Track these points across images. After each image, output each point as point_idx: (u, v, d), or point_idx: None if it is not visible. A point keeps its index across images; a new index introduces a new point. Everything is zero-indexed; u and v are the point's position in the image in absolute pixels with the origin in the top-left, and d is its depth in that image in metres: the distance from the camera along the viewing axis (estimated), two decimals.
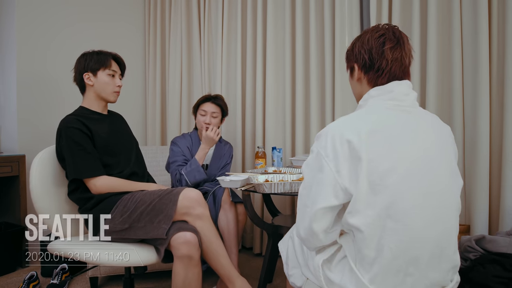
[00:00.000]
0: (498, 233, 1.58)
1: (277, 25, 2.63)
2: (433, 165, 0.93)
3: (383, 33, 1.01)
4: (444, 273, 0.95)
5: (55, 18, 2.76)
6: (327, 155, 0.90)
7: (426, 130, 0.98)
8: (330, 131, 0.93)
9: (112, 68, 1.69)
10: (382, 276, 0.89)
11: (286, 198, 2.55)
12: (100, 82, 1.66)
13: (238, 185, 1.71)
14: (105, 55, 1.69)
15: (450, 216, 0.96)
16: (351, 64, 1.09)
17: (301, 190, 0.98)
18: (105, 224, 1.51)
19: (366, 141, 0.88)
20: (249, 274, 2.27)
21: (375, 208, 0.87)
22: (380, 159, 0.88)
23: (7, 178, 2.41)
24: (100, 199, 1.56)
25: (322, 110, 2.46)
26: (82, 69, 1.66)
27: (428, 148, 0.94)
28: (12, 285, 2.09)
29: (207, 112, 2.24)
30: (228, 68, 2.86)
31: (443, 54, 1.98)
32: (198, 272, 1.46)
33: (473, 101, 1.87)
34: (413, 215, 0.88)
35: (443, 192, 0.94)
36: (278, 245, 1.31)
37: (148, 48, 3.36)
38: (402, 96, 0.98)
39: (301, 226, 0.96)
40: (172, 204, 1.47)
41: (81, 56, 1.70)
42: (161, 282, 2.13)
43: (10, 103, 2.57)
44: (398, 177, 0.88)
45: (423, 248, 0.90)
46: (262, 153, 2.27)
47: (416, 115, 0.99)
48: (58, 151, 1.60)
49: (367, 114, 0.97)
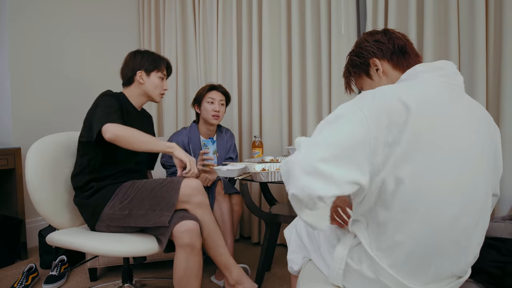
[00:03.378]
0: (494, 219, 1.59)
1: (272, 14, 2.60)
2: (473, 154, 0.86)
3: (384, 31, 1.07)
4: (467, 265, 0.91)
5: (47, 9, 2.72)
6: (370, 115, 0.80)
7: (474, 115, 0.90)
8: (379, 90, 0.84)
9: (164, 72, 1.79)
10: (404, 261, 0.84)
11: (283, 186, 2.53)
12: (151, 83, 1.74)
13: (235, 174, 1.71)
14: (161, 59, 1.79)
15: (480, 210, 0.88)
16: (366, 64, 1.07)
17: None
18: (105, 211, 1.51)
19: (419, 110, 0.80)
20: (248, 262, 2.29)
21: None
22: (427, 133, 0.80)
23: (3, 171, 2.40)
24: (99, 188, 1.56)
25: (318, 99, 2.45)
26: (137, 67, 1.72)
27: (473, 135, 0.87)
28: (11, 277, 2.09)
29: (215, 99, 2.19)
30: (223, 58, 2.84)
31: (439, 55, 1.98)
32: (199, 260, 1.48)
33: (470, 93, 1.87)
34: (445, 203, 0.82)
35: (477, 185, 0.87)
36: (284, 232, 1.31)
37: (143, 40, 3.32)
38: (453, 74, 0.94)
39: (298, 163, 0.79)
40: (174, 192, 1.48)
41: (137, 54, 1.76)
42: (159, 272, 2.14)
43: (4, 96, 2.55)
44: (440, 158, 0.81)
45: (450, 239, 0.84)
46: (259, 142, 2.27)
47: (466, 97, 0.92)
48: (88, 116, 1.60)
49: (416, 86, 0.88)
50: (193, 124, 2.29)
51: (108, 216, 1.51)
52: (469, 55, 1.88)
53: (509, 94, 1.76)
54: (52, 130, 2.57)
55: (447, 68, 0.94)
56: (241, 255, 2.47)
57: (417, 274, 0.86)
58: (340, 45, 2.32)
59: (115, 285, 1.97)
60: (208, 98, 2.20)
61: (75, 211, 1.65)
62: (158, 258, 2.05)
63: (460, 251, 0.87)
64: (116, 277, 2.08)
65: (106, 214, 1.51)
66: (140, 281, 2.04)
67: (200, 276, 1.50)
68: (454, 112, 0.86)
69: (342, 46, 2.31)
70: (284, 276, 2.10)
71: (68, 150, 1.71)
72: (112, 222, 1.52)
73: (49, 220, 1.56)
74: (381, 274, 0.87)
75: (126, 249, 1.41)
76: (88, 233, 1.56)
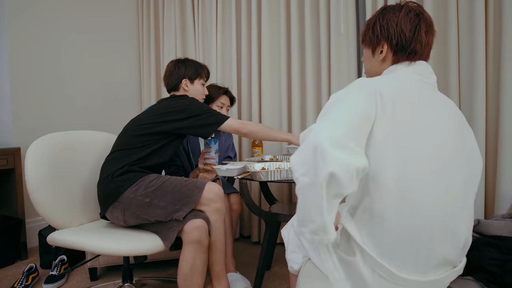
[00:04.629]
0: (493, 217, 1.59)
1: (271, 13, 2.60)
2: (447, 143, 0.90)
3: (417, 13, 1.00)
4: (459, 250, 0.91)
5: (46, 11, 2.72)
6: (366, 94, 0.87)
7: (446, 108, 0.96)
8: (358, 81, 0.90)
9: (204, 79, 1.96)
10: (392, 250, 0.86)
11: (283, 186, 2.56)
12: (195, 90, 1.92)
13: (234, 174, 1.71)
14: (202, 67, 1.95)
15: (463, 194, 0.91)
16: (377, 42, 1.05)
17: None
18: (126, 194, 1.52)
19: (394, 98, 0.87)
20: (247, 262, 2.29)
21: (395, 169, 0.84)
22: (403, 120, 0.86)
23: (3, 171, 2.41)
24: (128, 170, 1.58)
25: (318, 97, 2.45)
26: (183, 75, 1.89)
27: (446, 126, 0.92)
28: (11, 277, 2.10)
29: (224, 105, 2.24)
30: (223, 57, 2.83)
31: (439, 55, 1.98)
32: (205, 259, 1.49)
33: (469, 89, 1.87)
34: (425, 189, 0.85)
35: (455, 171, 0.90)
36: (281, 232, 1.31)
37: (142, 38, 3.32)
38: (427, 74, 1.00)
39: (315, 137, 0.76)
40: (198, 191, 1.50)
41: (181, 63, 1.92)
42: (159, 272, 2.14)
43: (3, 96, 2.54)
44: (416, 145, 0.86)
45: (434, 222, 0.86)
46: (258, 141, 2.27)
47: (438, 93, 0.99)
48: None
49: (395, 78, 0.96)
50: None
51: (128, 200, 1.51)
52: (469, 55, 1.87)
53: (509, 94, 1.76)
54: (51, 130, 2.57)
55: (423, 68, 1.00)
56: (241, 254, 2.47)
57: (408, 263, 0.87)
58: (339, 43, 2.32)
59: (115, 284, 1.98)
60: (219, 102, 2.23)
61: (75, 211, 1.65)
62: (158, 258, 2.05)
63: (447, 235, 0.88)
64: (116, 276, 2.08)
65: (126, 197, 1.52)
66: (140, 280, 2.04)
67: (204, 274, 1.50)
68: (427, 104, 0.92)
69: (341, 45, 2.31)
70: (284, 275, 2.10)
71: (67, 150, 1.71)
72: (130, 207, 1.51)
73: (48, 220, 1.56)
74: (376, 267, 0.88)
75: (129, 248, 1.41)
76: (91, 232, 1.55)
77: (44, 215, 1.54)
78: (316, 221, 0.76)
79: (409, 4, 1.03)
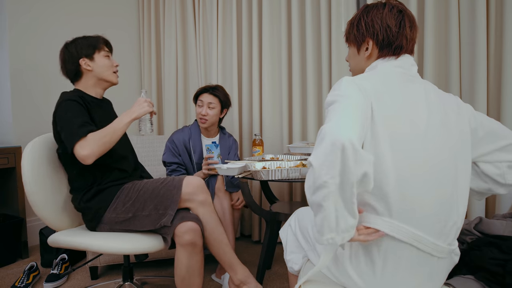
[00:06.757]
0: (494, 216, 1.59)
1: (272, 13, 2.60)
2: (433, 134, 0.91)
3: (400, 9, 1.02)
4: (460, 215, 0.94)
5: (47, 8, 2.72)
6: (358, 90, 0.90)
7: (429, 98, 0.96)
8: (342, 80, 0.93)
9: (105, 49, 1.67)
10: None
11: (284, 185, 2.56)
12: (99, 65, 1.63)
13: (235, 173, 1.71)
14: (94, 38, 1.66)
15: (449, 187, 0.92)
16: (362, 39, 1.05)
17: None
18: (107, 215, 1.49)
19: (379, 93, 0.90)
20: (248, 261, 2.29)
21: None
22: (386, 113, 0.89)
23: (4, 170, 2.41)
24: (99, 190, 1.53)
25: (319, 96, 2.45)
26: (77, 56, 1.61)
27: (430, 117, 0.92)
28: (12, 276, 2.10)
29: (203, 102, 2.16)
30: (224, 57, 2.83)
31: (440, 54, 1.97)
32: (201, 259, 1.47)
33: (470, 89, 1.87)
34: (415, 176, 0.88)
35: (441, 165, 0.91)
36: (279, 233, 1.31)
37: (143, 39, 3.31)
38: (409, 66, 1.02)
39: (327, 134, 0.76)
40: (176, 190, 1.47)
41: (69, 45, 1.65)
42: (160, 271, 2.15)
43: (4, 95, 2.55)
44: (401, 137, 0.89)
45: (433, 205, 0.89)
46: (259, 140, 2.26)
47: (421, 84, 1.00)
48: (55, 129, 1.54)
49: (378, 73, 0.99)
50: (195, 122, 2.30)
51: (111, 219, 1.50)
52: (470, 55, 1.87)
53: (510, 94, 1.75)
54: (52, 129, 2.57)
55: (404, 60, 1.02)
56: (242, 253, 2.47)
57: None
58: (340, 42, 2.32)
59: (116, 283, 1.98)
60: (199, 101, 2.19)
61: (73, 212, 1.63)
62: (159, 257, 2.05)
63: (449, 207, 0.92)
64: (117, 275, 2.09)
65: (108, 218, 1.50)
66: (141, 279, 2.04)
67: (202, 274, 1.50)
68: (408, 94, 0.94)
69: (342, 43, 2.31)
70: (285, 274, 2.10)
71: None
72: (116, 226, 1.50)
73: (47, 222, 1.54)
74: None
75: (132, 247, 1.41)
76: (92, 232, 1.55)
77: (42, 216, 1.53)
78: (349, 221, 0.78)
79: (391, 1, 1.04)
